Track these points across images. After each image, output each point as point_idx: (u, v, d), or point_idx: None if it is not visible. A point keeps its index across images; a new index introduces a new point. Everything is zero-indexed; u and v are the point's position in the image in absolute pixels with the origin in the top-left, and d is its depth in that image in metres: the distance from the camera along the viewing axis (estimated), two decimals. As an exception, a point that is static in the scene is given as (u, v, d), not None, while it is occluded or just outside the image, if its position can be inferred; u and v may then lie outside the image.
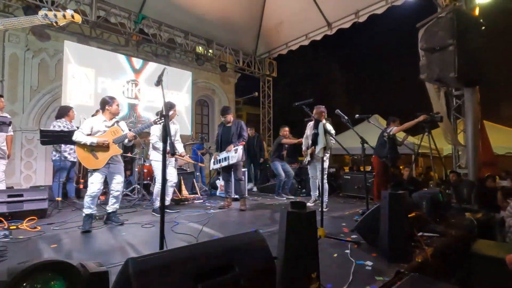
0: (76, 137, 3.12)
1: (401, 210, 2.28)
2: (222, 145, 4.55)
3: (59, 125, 4.55)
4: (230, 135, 4.47)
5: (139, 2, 6.99)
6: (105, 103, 3.33)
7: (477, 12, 5.47)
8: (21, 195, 3.42)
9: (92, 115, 4.26)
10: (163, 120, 3.41)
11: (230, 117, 4.55)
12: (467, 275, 2.98)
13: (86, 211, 3.10)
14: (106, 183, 3.43)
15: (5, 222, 3.14)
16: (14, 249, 2.42)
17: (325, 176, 4.46)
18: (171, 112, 3.93)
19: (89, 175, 3.20)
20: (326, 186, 4.46)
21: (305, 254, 1.36)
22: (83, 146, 3.12)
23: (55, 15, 2.39)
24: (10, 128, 4.10)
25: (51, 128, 4.51)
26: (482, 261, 2.99)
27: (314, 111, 4.47)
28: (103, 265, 1.00)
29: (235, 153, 4.29)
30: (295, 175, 6.27)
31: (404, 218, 2.32)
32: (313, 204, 4.74)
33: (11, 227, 3.05)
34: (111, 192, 3.36)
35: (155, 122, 3.29)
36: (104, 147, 3.18)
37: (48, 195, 3.73)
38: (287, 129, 5.97)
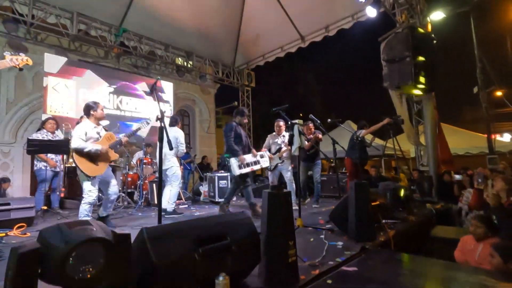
0: (77, 144, 3.05)
1: (365, 196, 2.66)
2: (245, 149, 4.19)
3: (37, 136, 4.58)
4: (247, 139, 4.35)
5: (120, 15, 7.19)
6: (89, 108, 3.31)
7: (429, 28, 6.22)
8: (8, 204, 3.47)
9: (77, 122, 4.33)
10: (148, 122, 3.59)
11: None
12: (427, 253, 3.42)
13: (85, 218, 3.12)
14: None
15: (-8, 230, 3.19)
16: (10, 251, 2.52)
17: (292, 178, 4.78)
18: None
19: (85, 183, 3.17)
20: (294, 186, 4.79)
21: (283, 225, 1.67)
22: (83, 153, 3.09)
23: (17, 59, 2.97)
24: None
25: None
26: (439, 242, 3.45)
27: (275, 125, 4.91)
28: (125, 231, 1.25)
29: (262, 158, 4.26)
30: None
31: (368, 204, 2.70)
32: None
33: (0, 235, 3.10)
34: (109, 195, 3.39)
35: (143, 126, 3.40)
36: (104, 154, 3.23)
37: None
38: None
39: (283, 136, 4.88)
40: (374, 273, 1.76)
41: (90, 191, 3.16)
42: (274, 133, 4.94)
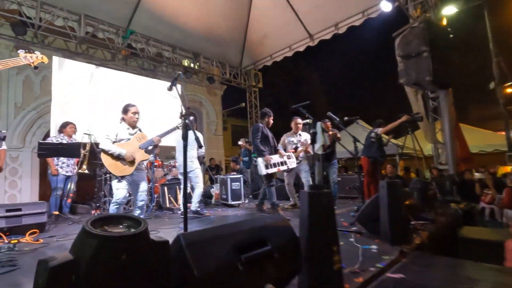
0: (104, 145, 3.05)
1: (399, 196, 2.49)
2: (272, 149, 4.35)
3: (56, 139, 4.53)
4: (273, 140, 4.43)
5: (127, 17, 7.11)
6: (122, 111, 3.29)
7: (444, 22, 6.05)
8: (20, 209, 3.35)
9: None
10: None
11: None
12: (455, 255, 3.24)
13: None
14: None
15: (4, 237, 3.07)
16: (24, 259, 2.40)
17: (310, 178, 4.61)
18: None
19: (113, 181, 3.15)
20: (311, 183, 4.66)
21: (326, 229, 1.51)
22: (109, 154, 3.08)
23: (31, 57, 2.93)
24: (3, 143, 4.02)
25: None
26: (468, 243, 3.27)
27: (292, 123, 4.75)
28: (162, 237, 1.10)
29: (289, 158, 4.37)
30: None
31: (402, 204, 2.53)
32: (291, 207, 4.77)
33: (12, 241, 2.98)
34: (136, 202, 3.26)
35: (177, 127, 3.35)
36: (130, 156, 3.14)
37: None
38: None
39: (299, 135, 4.74)
40: (426, 281, 1.59)
41: (117, 189, 3.07)
42: (290, 132, 4.80)
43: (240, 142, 7.85)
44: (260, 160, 4.10)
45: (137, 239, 0.91)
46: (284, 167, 4.29)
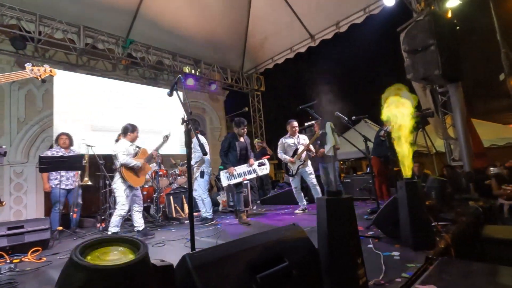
0: (124, 160, 3.56)
1: (419, 197, 2.33)
2: (241, 159, 4.41)
3: (55, 152, 4.45)
4: (246, 149, 4.48)
5: (126, 27, 7.07)
6: (127, 130, 3.81)
7: (449, 14, 5.88)
8: (22, 227, 3.25)
9: (116, 140, 4.56)
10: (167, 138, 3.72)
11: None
12: (481, 258, 3.03)
13: (114, 229, 3.53)
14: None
15: (6, 256, 2.97)
16: (25, 280, 2.28)
17: (315, 180, 4.60)
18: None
19: (120, 196, 3.59)
20: (319, 189, 4.55)
21: (349, 240, 1.36)
22: (129, 168, 3.60)
23: (38, 70, 2.89)
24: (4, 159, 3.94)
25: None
26: (494, 244, 3.05)
27: (289, 126, 4.71)
28: (165, 260, 0.97)
29: (260, 166, 4.52)
30: None
31: (423, 206, 2.36)
32: (301, 212, 4.71)
33: (14, 261, 2.87)
34: (138, 208, 3.78)
35: (166, 138, 3.82)
36: (142, 167, 3.76)
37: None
38: None
39: (298, 137, 4.65)
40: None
41: (123, 205, 3.58)
42: (286, 135, 4.72)
43: (256, 144, 7.68)
44: (222, 173, 4.40)
45: (135, 267, 0.77)
46: (252, 175, 4.44)
